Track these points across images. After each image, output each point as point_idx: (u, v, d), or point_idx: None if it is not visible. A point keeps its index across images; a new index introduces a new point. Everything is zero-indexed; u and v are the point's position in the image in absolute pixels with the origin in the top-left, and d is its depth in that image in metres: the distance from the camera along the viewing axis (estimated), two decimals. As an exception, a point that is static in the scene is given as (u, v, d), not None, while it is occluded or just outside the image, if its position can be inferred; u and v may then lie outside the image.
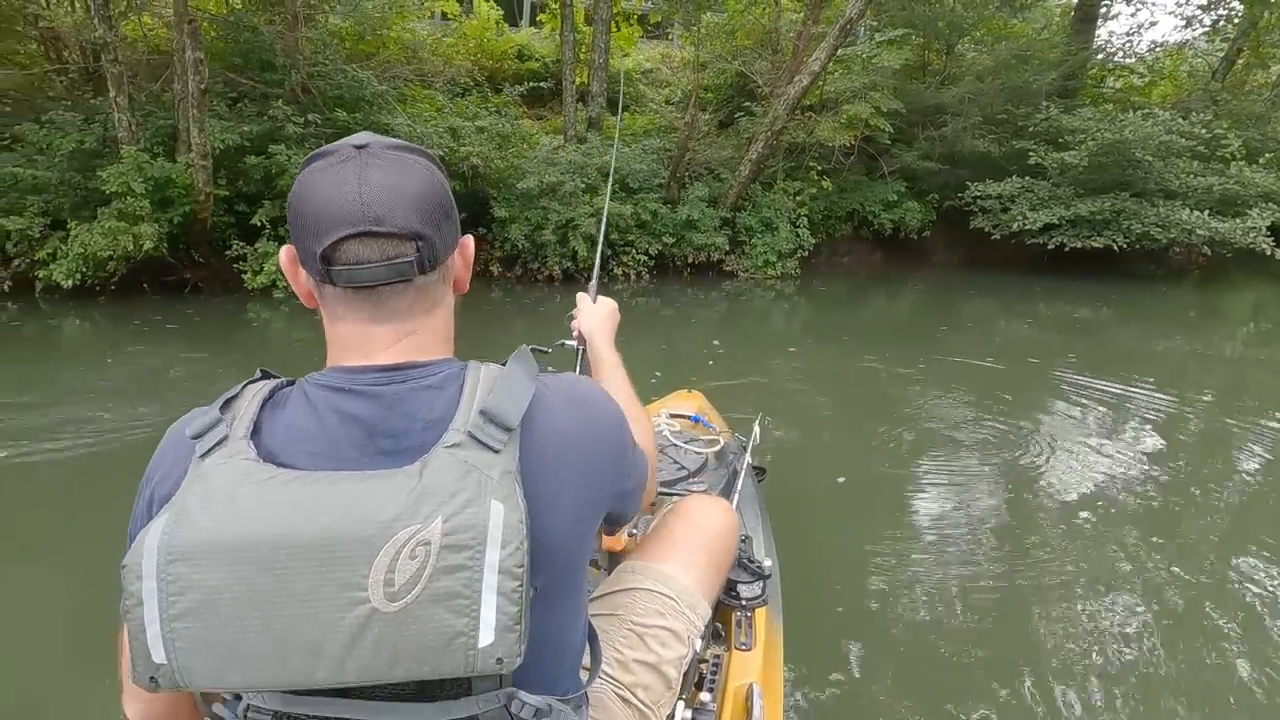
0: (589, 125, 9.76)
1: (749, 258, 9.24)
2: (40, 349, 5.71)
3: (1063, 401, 4.46)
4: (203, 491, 0.58)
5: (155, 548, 0.56)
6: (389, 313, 0.67)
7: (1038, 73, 10.91)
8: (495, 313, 7.27)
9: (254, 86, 7.19)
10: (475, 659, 0.57)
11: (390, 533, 0.55)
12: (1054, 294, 9.01)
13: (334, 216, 0.63)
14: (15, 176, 6.35)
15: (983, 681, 1.88)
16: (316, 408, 0.65)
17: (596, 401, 0.75)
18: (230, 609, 0.55)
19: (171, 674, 0.56)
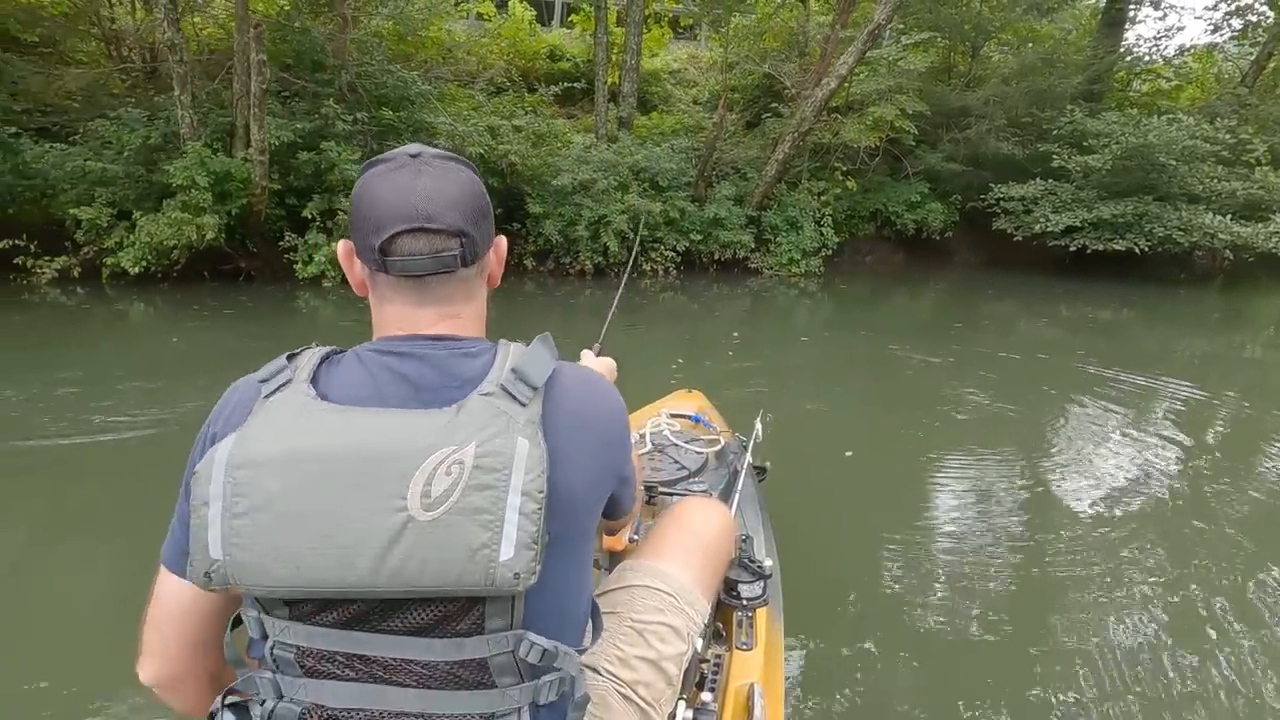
0: (620, 124, 10.04)
1: (774, 255, 9.47)
2: (110, 331, 6.11)
3: (1081, 400, 4.58)
4: (267, 416, 0.67)
5: (224, 459, 0.64)
6: (433, 298, 0.77)
7: (1063, 76, 11.00)
8: (528, 305, 7.58)
9: (305, 86, 7.55)
10: (495, 571, 0.62)
11: (431, 450, 0.63)
12: (1075, 295, 9.12)
13: (391, 214, 0.73)
14: (85, 170, 6.77)
15: (986, 682, 1.86)
16: (368, 365, 0.73)
17: (607, 388, 0.84)
18: (284, 511, 0.62)
19: (224, 569, 0.63)
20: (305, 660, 0.69)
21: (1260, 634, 2.10)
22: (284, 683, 0.69)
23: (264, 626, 0.68)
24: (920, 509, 2.96)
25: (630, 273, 1.52)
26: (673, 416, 2.17)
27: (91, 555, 2.49)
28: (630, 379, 4.96)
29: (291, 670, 0.69)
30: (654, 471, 1.79)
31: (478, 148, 7.72)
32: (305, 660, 0.69)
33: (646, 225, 8.69)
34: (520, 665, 0.69)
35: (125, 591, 1.54)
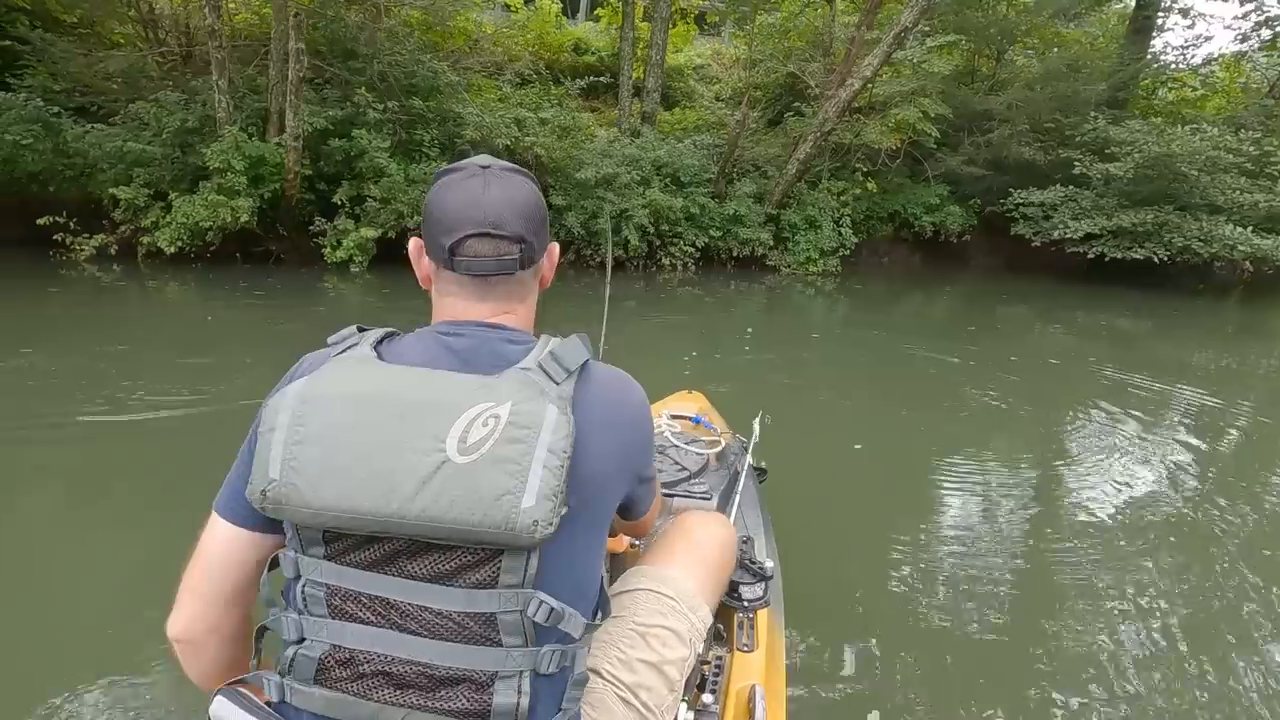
0: (643, 119, 10.13)
1: (791, 254, 9.56)
2: (146, 308, 6.30)
3: (1094, 405, 4.62)
4: (334, 366, 0.77)
5: (295, 393, 0.73)
6: (492, 295, 0.86)
7: (1088, 82, 10.98)
8: (549, 296, 7.68)
9: (338, 74, 7.70)
10: (516, 518, 0.68)
11: (471, 403, 0.71)
12: (1092, 302, 9.15)
13: (461, 219, 0.82)
14: (124, 150, 6.95)
15: (989, 684, 1.87)
16: (424, 340, 0.83)
17: (637, 389, 0.90)
18: (339, 439, 0.70)
19: (279, 488, 0.70)
20: (333, 599, 0.74)
21: (1275, 645, 2.09)
22: (307, 623, 0.75)
23: (298, 566, 0.75)
24: (925, 509, 2.97)
25: (609, 274, 1.55)
26: (673, 418, 2.16)
27: (124, 525, 2.55)
28: (644, 369, 5.11)
29: (318, 609, 0.75)
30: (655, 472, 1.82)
31: (504, 139, 7.85)
32: (333, 599, 0.74)
33: (666, 220, 8.80)
34: (527, 626, 0.74)
35: (154, 561, 1.56)
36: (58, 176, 7.34)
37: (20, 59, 7.96)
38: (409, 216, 7.43)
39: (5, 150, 6.91)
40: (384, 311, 6.49)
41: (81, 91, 7.99)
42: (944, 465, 3.47)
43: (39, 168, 7.17)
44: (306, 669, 0.75)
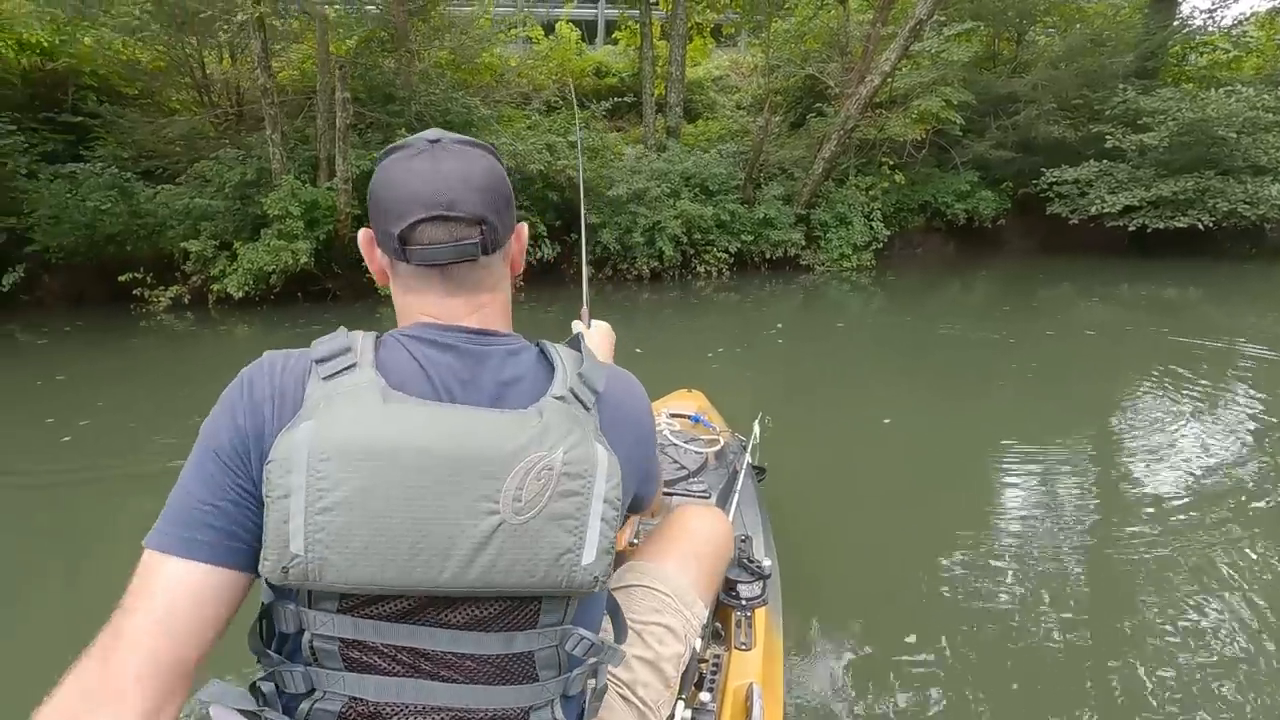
0: (668, 134, 10.41)
1: (824, 251, 9.66)
2: (220, 350, 6.77)
3: (1139, 376, 4.56)
4: (348, 403, 0.64)
5: (306, 446, 0.61)
6: (458, 286, 0.75)
7: (1114, 55, 10.85)
8: (590, 312, 7.98)
9: (378, 118, 8.18)
10: (576, 574, 0.65)
11: (523, 455, 0.64)
12: (1138, 275, 9.00)
13: (411, 202, 0.71)
14: (190, 207, 7.51)
15: (988, 684, 1.83)
16: (415, 354, 0.72)
17: (638, 388, 0.86)
18: (376, 507, 0.60)
19: (305, 565, 0.60)
20: (349, 652, 0.66)
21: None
22: (318, 675, 0.66)
23: (301, 619, 0.65)
24: (919, 513, 2.88)
25: (589, 299, 1.51)
26: (672, 416, 2.16)
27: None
28: (666, 365, 5.34)
29: (331, 662, 0.66)
30: None
31: (538, 165, 8.19)
32: (349, 652, 0.66)
33: (699, 229, 9.02)
34: (562, 657, 0.71)
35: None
36: (133, 236, 7.95)
37: (91, 131, 8.68)
38: (453, 246, 7.79)
39: (89, 216, 7.55)
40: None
41: (147, 156, 8.65)
42: (972, 452, 3.44)
43: (117, 229, 7.79)
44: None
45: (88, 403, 4.90)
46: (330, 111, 7.24)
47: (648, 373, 4.01)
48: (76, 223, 7.66)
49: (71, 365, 6.14)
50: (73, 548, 2.80)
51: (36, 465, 3.69)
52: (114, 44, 8.84)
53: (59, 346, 6.97)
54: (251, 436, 0.66)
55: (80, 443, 4.04)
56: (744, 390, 4.77)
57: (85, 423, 4.36)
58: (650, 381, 2.99)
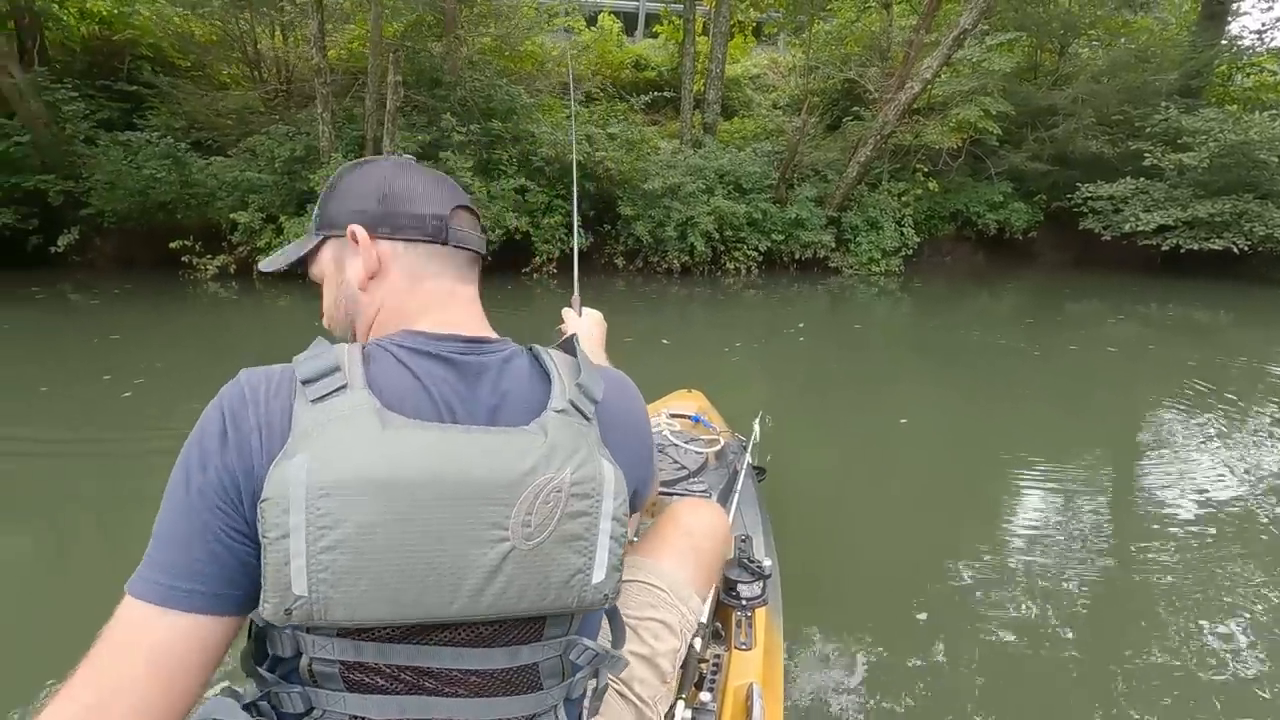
0: (704, 130, 10.51)
1: (854, 255, 9.73)
2: (264, 318, 7.01)
3: (1162, 396, 4.59)
4: (343, 431, 0.60)
5: (302, 482, 0.57)
6: (469, 276, 0.80)
7: (1158, 72, 10.77)
8: (621, 303, 8.12)
9: (425, 101, 8.36)
10: (587, 594, 0.64)
11: (531, 479, 0.62)
12: (1168, 295, 8.97)
13: (444, 193, 0.78)
14: (241, 179, 7.75)
15: (989, 688, 1.84)
16: (410, 367, 0.68)
17: (634, 393, 0.85)
18: (382, 543, 0.58)
19: (309, 606, 0.58)
20: (350, 674, 0.64)
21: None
22: (317, 696, 0.64)
23: (299, 644, 0.63)
24: (919, 512, 2.90)
25: (579, 286, 1.48)
26: (672, 416, 2.17)
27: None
28: (689, 356, 5.50)
29: (331, 684, 0.64)
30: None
31: (577, 154, 8.33)
32: (350, 674, 0.64)
33: (730, 225, 9.13)
34: (566, 666, 0.70)
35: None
36: (183, 205, 8.22)
37: (145, 101, 8.95)
38: (491, 230, 7.98)
39: (142, 183, 7.82)
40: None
41: (197, 128, 8.92)
42: (983, 459, 3.45)
43: (168, 197, 8.06)
44: None
45: (143, 362, 5.15)
46: (379, 93, 7.43)
47: (667, 364, 4.26)
48: (130, 189, 7.94)
49: (123, 326, 6.42)
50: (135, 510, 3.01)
51: (101, 422, 3.91)
52: (172, 17, 9.10)
53: (109, 307, 7.26)
54: (240, 473, 0.61)
55: (140, 400, 4.27)
56: (758, 385, 4.91)
57: (140, 381, 4.59)
58: (668, 372, 3.19)
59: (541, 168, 8.52)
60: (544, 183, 8.59)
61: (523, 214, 8.31)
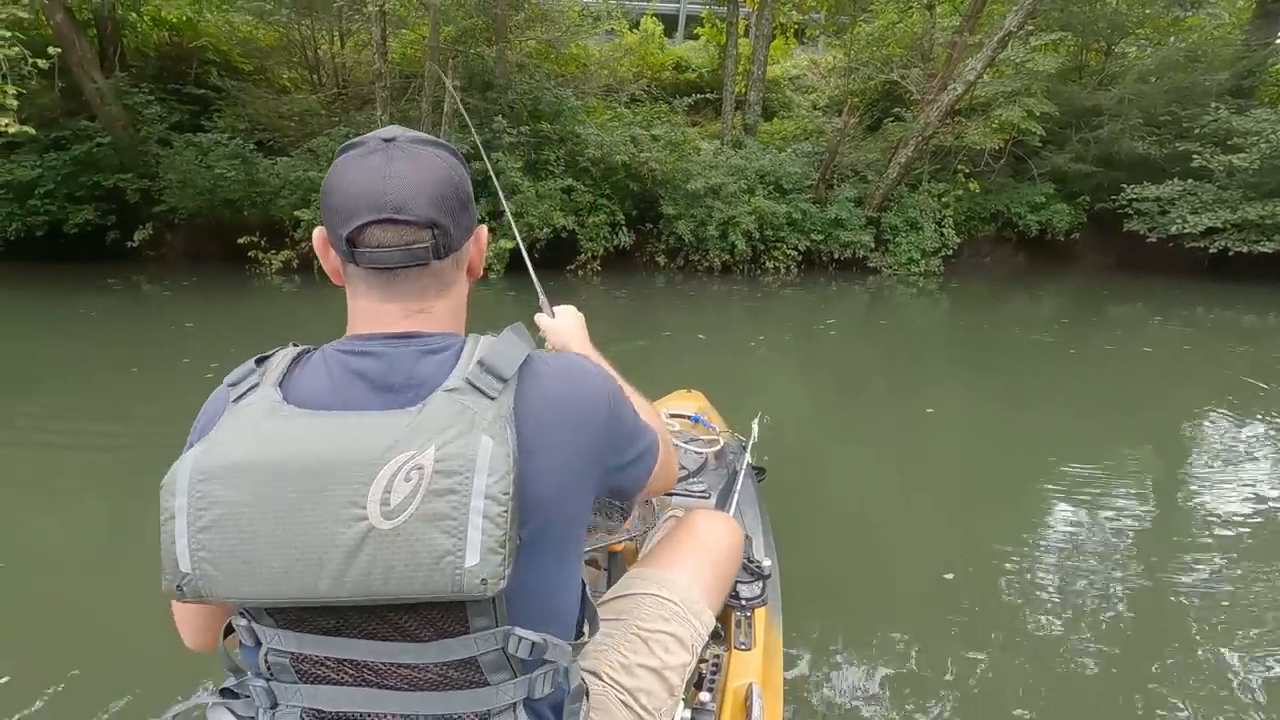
0: (745, 131, 10.67)
1: (893, 255, 9.80)
2: (323, 311, 7.38)
3: (1203, 404, 4.44)
4: (233, 424, 0.66)
5: (189, 469, 0.63)
6: (401, 292, 0.74)
7: (1208, 72, 10.60)
8: (661, 299, 8.35)
9: (477, 104, 8.68)
10: (461, 578, 0.61)
11: (388, 456, 0.62)
12: (1215, 299, 8.87)
13: (359, 204, 0.69)
14: (304, 179, 8.16)
15: (990, 685, 1.84)
16: (329, 366, 0.72)
17: (589, 375, 0.79)
18: (248, 523, 0.62)
19: (195, 582, 0.62)
20: (300, 665, 0.69)
21: None
22: (279, 689, 0.70)
23: (256, 634, 0.69)
24: (919, 512, 2.90)
25: (542, 289, 1.45)
26: (672, 416, 2.18)
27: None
28: (707, 349, 5.67)
29: (286, 676, 0.69)
30: None
31: (623, 155, 8.58)
32: (300, 665, 0.69)
33: (770, 225, 9.28)
34: (512, 661, 0.69)
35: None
36: (247, 203, 8.68)
37: (212, 104, 9.45)
38: (538, 229, 8.27)
39: (212, 181, 8.28)
40: (516, 313, 7.31)
41: (260, 129, 9.38)
42: (1001, 460, 3.45)
43: (235, 196, 8.53)
44: None
45: (217, 348, 5.54)
46: (435, 96, 7.76)
47: (692, 354, 4.30)
48: (201, 187, 8.42)
49: (194, 315, 6.86)
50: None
51: (191, 400, 4.25)
52: (240, 24, 9.58)
53: (180, 298, 7.73)
54: None
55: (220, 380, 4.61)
56: (777, 380, 5.10)
57: (216, 365, 4.93)
58: (695, 359, 3.65)
59: (587, 168, 8.78)
60: (589, 183, 8.85)
61: (569, 213, 8.59)
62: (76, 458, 3.37)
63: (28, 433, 3.73)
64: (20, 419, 3.92)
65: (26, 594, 2.24)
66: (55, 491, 3.05)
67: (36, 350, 5.62)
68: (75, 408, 4.10)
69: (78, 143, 8.40)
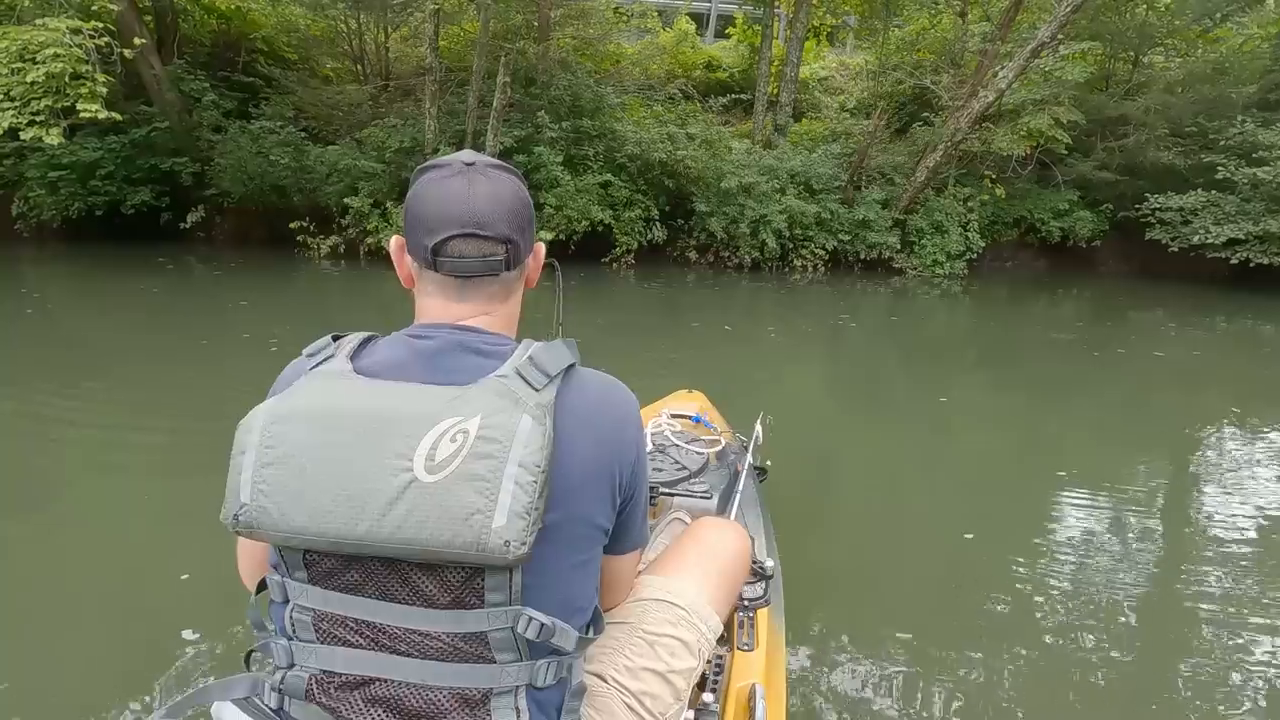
0: (776, 131, 10.91)
1: (918, 257, 10.02)
2: (369, 295, 7.70)
3: (1213, 412, 4.50)
4: (309, 382, 0.76)
5: (266, 412, 0.72)
6: (472, 296, 0.83)
7: (1235, 84, 10.72)
8: (690, 296, 8.60)
9: (520, 99, 8.96)
10: (488, 537, 0.66)
11: (439, 418, 0.69)
12: (1236, 308, 9.03)
13: (446, 218, 0.79)
14: (353, 167, 8.47)
15: (992, 686, 1.85)
16: (395, 345, 0.81)
17: (626, 393, 0.86)
18: (308, 462, 0.69)
19: (250, 513, 0.70)
20: (320, 624, 0.74)
21: None
22: (297, 649, 0.75)
23: (285, 589, 0.75)
24: (918, 513, 2.92)
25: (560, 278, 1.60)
26: (673, 416, 2.18)
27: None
28: (723, 339, 5.69)
29: (306, 634, 0.75)
30: (655, 472, 1.80)
31: (660, 153, 8.84)
32: (320, 624, 0.74)
33: (800, 224, 9.53)
34: (519, 642, 0.73)
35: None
36: (295, 189, 8.99)
37: (260, 92, 9.75)
38: (578, 221, 8.55)
39: (263, 167, 8.61)
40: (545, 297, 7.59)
41: (305, 117, 9.68)
42: (1008, 458, 3.50)
43: (284, 181, 8.85)
44: (298, 689, 0.75)
45: (273, 326, 5.87)
46: (481, 91, 8.04)
47: (714, 346, 5.06)
48: (252, 173, 8.74)
49: (248, 294, 7.21)
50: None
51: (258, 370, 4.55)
52: (291, 14, 9.88)
53: (231, 279, 8.07)
54: None
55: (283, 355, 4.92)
56: (796, 370, 5.35)
57: (275, 340, 5.23)
58: (716, 351, 4.08)
59: (624, 164, 9.04)
60: (625, 178, 9.11)
61: (605, 207, 8.86)
62: (163, 422, 3.61)
63: (115, 394, 4.07)
64: (104, 384, 4.26)
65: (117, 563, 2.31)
66: (150, 451, 3.33)
67: (112, 321, 5.99)
68: (161, 375, 4.42)
69: (135, 127, 8.73)
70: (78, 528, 2.52)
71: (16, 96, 6.03)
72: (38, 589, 2.16)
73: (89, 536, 2.44)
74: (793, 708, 1.68)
